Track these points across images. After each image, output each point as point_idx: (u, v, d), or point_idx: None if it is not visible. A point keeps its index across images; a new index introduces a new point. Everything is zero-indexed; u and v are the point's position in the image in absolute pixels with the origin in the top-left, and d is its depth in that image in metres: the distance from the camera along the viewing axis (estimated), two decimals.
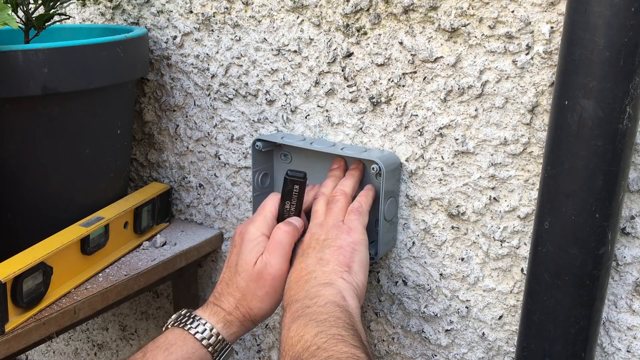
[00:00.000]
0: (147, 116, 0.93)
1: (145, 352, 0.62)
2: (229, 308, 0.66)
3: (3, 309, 0.65)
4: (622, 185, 0.55)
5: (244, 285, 0.65)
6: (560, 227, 0.57)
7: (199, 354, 0.63)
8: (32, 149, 0.73)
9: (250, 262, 0.65)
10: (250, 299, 0.65)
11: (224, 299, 0.66)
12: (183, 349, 0.62)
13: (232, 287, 0.66)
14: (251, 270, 0.65)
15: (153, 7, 0.87)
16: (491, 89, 0.64)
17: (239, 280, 0.66)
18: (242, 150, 0.85)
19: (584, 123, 0.53)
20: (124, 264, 0.81)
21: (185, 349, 0.62)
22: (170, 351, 0.62)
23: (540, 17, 0.60)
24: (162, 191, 0.90)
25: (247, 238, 0.67)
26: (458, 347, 0.75)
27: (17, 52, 0.66)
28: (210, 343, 0.63)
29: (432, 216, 0.72)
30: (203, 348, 0.63)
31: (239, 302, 0.65)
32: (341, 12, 0.71)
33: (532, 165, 0.64)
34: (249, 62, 0.80)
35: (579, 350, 0.59)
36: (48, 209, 0.77)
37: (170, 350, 0.62)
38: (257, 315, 0.66)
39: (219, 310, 0.65)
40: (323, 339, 0.52)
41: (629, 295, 0.63)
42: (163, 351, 0.62)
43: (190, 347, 0.63)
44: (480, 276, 0.71)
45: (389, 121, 0.71)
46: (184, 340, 0.63)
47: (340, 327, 0.53)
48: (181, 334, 0.63)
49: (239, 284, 0.66)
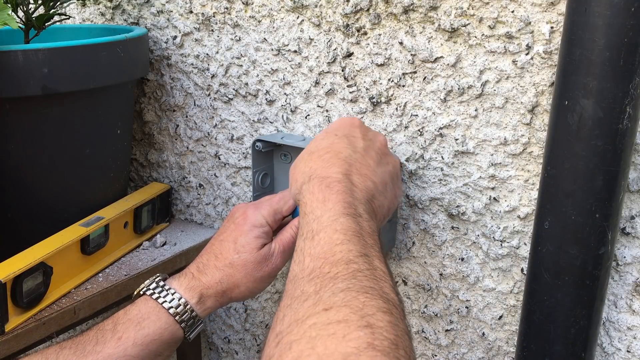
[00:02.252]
0: (147, 116, 0.93)
1: (115, 324, 0.61)
2: (209, 282, 0.65)
3: (3, 309, 0.65)
4: (622, 185, 0.55)
5: (240, 264, 0.64)
6: (560, 227, 0.57)
7: (172, 329, 0.62)
8: (32, 149, 0.73)
9: (255, 245, 0.65)
10: (242, 277, 0.64)
11: (208, 271, 0.65)
12: (156, 324, 0.61)
13: (223, 262, 0.65)
14: (256, 252, 0.64)
15: (153, 7, 0.87)
16: (491, 89, 0.64)
17: (236, 259, 0.65)
18: (242, 150, 0.85)
19: (584, 123, 0.53)
20: (124, 264, 0.81)
21: (158, 324, 0.61)
22: (142, 325, 0.61)
23: (540, 17, 0.60)
24: (162, 191, 0.90)
25: (253, 222, 0.66)
26: (458, 347, 0.75)
27: (17, 52, 0.66)
28: (183, 319, 0.63)
29: (432, 216, 0.72)
30: (176, 324, 0.62)
31: (226, 278, 0.64)
32: (341, 12, 0.71)
33: (532, 165, 0.64)
34: (249, 62, 0.80)
35: (579, 350, 0.59)
36: (48, 208, 0.77)
37: (143, 325, 0.61)
38: (240, 293, 0.65)
39: (197, 283, 0.64)
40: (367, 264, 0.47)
41: (629, 295, 0.63)
42: (135, 325, 0.61)
43: (163, 322, 0.62)
44: (480, 276, 0.71)
45: (389, 121, 0.71)
46: (157, 315, 0.62)
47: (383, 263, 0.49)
48: (155, 307, 0.62)
49: (234, 261, 0.65)
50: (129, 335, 0.60)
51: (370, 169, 0.59)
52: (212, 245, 0.68)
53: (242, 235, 0.65)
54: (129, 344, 0.60)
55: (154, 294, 0.63)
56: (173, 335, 0.62)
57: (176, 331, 0.63)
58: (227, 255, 0.65)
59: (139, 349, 0.60)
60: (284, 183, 0.80)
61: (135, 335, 0.60)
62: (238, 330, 0.95)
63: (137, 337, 0.60)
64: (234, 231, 0.67)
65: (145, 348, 0.60)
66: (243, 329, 0.94)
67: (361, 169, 0.58)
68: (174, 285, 0.64)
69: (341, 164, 0.58)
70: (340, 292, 0.43)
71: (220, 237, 0.67)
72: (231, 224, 0.68)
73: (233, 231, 0.67)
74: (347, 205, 0.53)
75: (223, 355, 0.98)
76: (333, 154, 0.59)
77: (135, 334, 0.60)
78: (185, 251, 0.85)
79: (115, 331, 0.60)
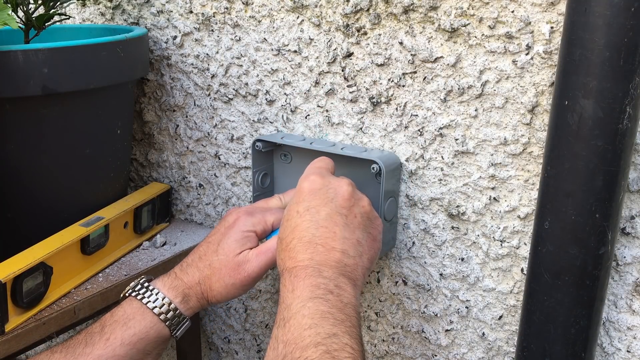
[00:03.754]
0: (147, 116, 0.93)
1: (103, 326, 0.63)
2: (190, 282, 0.66)
3: (3, 309, 0.65)
4: (622, 185, 0.55)
5: (217, 267, 0.66)
6: (560, 227, 0.57)
7: (157, 328, 0.64)
8: (32, 149, 0.73)
9: (233, 250, 0.66)
10: (216, 281, 0.65)
11: (189, 271, 0.66)
12: (142, 323, 0.63)
13: (204, 263, 0.66)
14: (231, 258, 0.65)
15: (153, 7, 0.87)
16: (491, 89, 0.64)
17: (215, 260, 0.66)
18: (242, 150, 0.85)
19: (584, 123, 0.53)
20: (124, 264, 0.81)
21: (143, 324, 0.63)
22: (129, 325, 0.62)
23: (540, 17, 0.60)
24: (162, 191, 0.90)
25: (239, 227, 0.67)
26: (458, 347, 0.75)
27: (17, 52, 0.66)
28: (167, 318, 0.64)
29: (432, 216, 0.72)
30: (161, 322, 0.64)
31: (204, 280, 0.66)
32: (341, 12, 0.71)
33: (532, 165, 0.64)
34: (249, 62, 0.80)
35: (579, 350, 0.59)
36: (48, 208, 0.77)
37: (129, 325, 0.62)
38: (214, 297, 0.66)
39: (179, 283, 0.66)
40: (335, 345, 0.50)
41: (629, 295, 0.63)
42: (121, 325, 0.62)
43: (148, 321, 0.63)
44: (480, 276, 0.71)
45: (389, 121, 0.71)
46: (142, 315, 0.63)
47: (354, 338, 0.51)
48: (139, 307, 0.64)
49: (212, 263, 0.66)
50: (117, 336, 0.62)
51: (337, 238, 0.58)
52: (199, 246, 0.69)
53: (227, 238, 0.67)
54: (117, 344, 0.61)
55: (138, 295, 0.65)
56: (159, 333, 0.64)
57: (162, 330, 0.64)
58: (209, 256, 0.67)
59: (127, 349, 0.62)
60: (283, 183, 0.80)
61: (123, 335, 0.62)
62: (238, 330, 0.95)
63: (125, 337, 0.62)
64: (221, 234, 0.68)
65: (132, 347, 0.62)
66: (243, 329, 0.94)
67: (326, 243, 0.58)
68: (158, 286, 0.66)
69: (305, 248, 0.58)
70: None
71: (209, 239, 0.69)
72: (221, 227, 0.69)
73: (221, 234, 0.68)
74: (315, 288, 0.54)
75: (223, 355, 0.98)
76: (297, 239, 0.59)
77: (122, 334, 0.62)
78: (185, 251, 0.85)
79: (102, 333, 0.62)
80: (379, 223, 0.64)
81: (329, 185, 0.62)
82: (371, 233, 0.62)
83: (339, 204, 0.61)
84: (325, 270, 0.56)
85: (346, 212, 0.60)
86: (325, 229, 0.59)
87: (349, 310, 0.53)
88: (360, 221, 0.61)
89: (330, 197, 0.61)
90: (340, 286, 0.55)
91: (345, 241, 0.58)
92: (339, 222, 0.59)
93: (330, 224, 0.59)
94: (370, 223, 0.62)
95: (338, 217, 0.60)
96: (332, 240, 0.58)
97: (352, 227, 0.60)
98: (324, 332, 0.50)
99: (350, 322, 0.52)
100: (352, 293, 0.55)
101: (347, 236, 0.59)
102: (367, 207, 0.63)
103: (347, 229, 0.59)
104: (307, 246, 0.58)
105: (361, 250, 0.59)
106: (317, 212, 0.60)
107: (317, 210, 0.60)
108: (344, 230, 0.59)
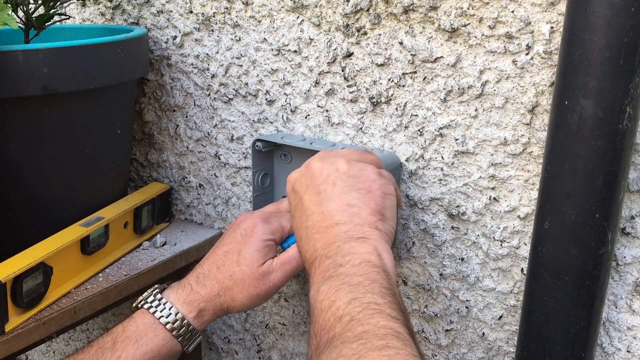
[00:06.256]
0: (147, 116, 0.93)
1: (115, 341, 0.62)
2: (207, 295, 0.65)
3: (3, 309, 0.65)
4: (622, 185, 0.55)
5: (240, 278, 0.65)
6: (560, 227, 0.57)
7: (169, 345, 0.63)
8: (32, 149, 0.73)
9: (256, 260, 0.65)
10: (239, 292, 0.65)
11: (207, 283, 0.65)
12: (154, 340, 0.62)
13: (224, 274, 0.65)
14: (255, 268, 0.65)
15: (153, 7, 0.87)
16: (491, 89, 0.64)
17: (236, 271, 0.65)
18: (242, 150, 0.85)
19: (584, 123, 0.53)
20: (124, 264, 0.81)
21: (155, 341, 0.62)
22: (141, 343, 0.62)
23: (540, 17, 0.60)
24: (162, 191, 0.90)
25: (258, 235, 0.66)
26: (458, 347, 0.75)
27: (17, 52, 0.66)
28: (180, 334, 0.63)
29: (432, 216, 0.72)
30: (174, 339, 0.63)
31: (224, 291, 0.65)
32: (341, 12, 0.71)
33: (532, 165, 0.64)
34: (249, 62, 0.80)
35: (579, 350, 0.59)
36: (48, 208, 0.77)
37: (141, 342, 0.62)
38: (235, 307, 0.65)
39: (195, 297, 0.64)
40: (357, 308, 0.47)
41: (629, 295, 0.63)
42: (133, 343, 0.62)
43: (161, 339, 0.63)
44: (480, 276, 0.71)
45: (389, 121, 0.71)
46: (155, 332, 0.63)
47: (376, 294, 0.48)
48: (152, 323, 0.63)
49: (234, 274, 0.65)
50: (128, 354, 0.61)
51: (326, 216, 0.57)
52: (215, 255, 0.67)
53: (247, 247, 0.65)
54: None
55: (151, 308, 0.64)
56: (171, 350, 0.63)
57: (174, 346, 0.63)
58: (229, 267, 0.65)
59: None
60: (283, 183, 0.80)
61: (134, 354, 0.61)
62: (238, 330, 0.95)
63: (136, 355, 0.61)
64: (239, 243, 0.66)
65: None
66: (243, 329, 0.94)
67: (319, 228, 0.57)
68: (172, 299, 0.65)
69: (307, 244, 0.57)
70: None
71: (225, 248, 0.67)
72: (237, 234, 0.67)
73: (239, 243, 0.66)
74: (324, 272, 0.53)
75: (223, 355, 0.98)
76: (300, 240, 0.59)
77: (134, 352, 0.61)
78: (185, 251, 0.85)
79: (114, 349, 0.61)
80: (367, 173, 0.60)
81: (305, 173, 0.62)
82: (361, 188, 0.58)
83: (315, 184, 0.60)
84: (329, 251, 0.54)
85: (324, 186, 0.59)
86: (313, 215, 0.58)
87: (364, 269, 0.51)
88: (342, 186, 0.58)
89: (307, 183, 0.60)
90: (348, 252, 0.53)
91: (334, 213, 0.57)
92: (322, 199, 0.58)
93: (315, 208, 0.58)
94: (356, 180, 0.59)
95: (318, 197, 0.59)
96: (322, 221, 0.57)
97: (334, 197, 0.58)
98: (343, 303, 0.48)
99: (369, 278, 0.50)
100: (364, 250, 0.53)
101: (334, 207, 0.57)
102: (343, 167, 0.60)
103: (331, 202, 0.58)
104: (307, 242, 0.58)
105: (356, 211, 0.57)
106: (302, 205, 0.60)
107: (302, 203, 0.60)
108: (329, 204, 0.58)
